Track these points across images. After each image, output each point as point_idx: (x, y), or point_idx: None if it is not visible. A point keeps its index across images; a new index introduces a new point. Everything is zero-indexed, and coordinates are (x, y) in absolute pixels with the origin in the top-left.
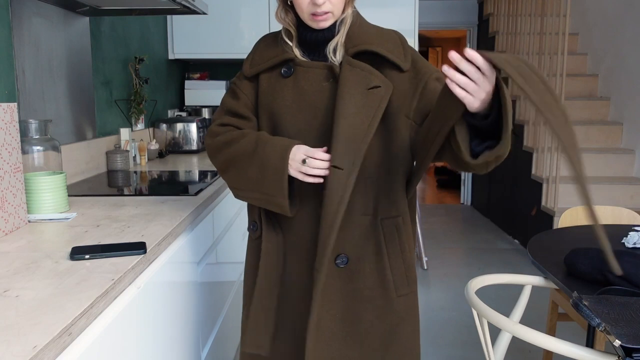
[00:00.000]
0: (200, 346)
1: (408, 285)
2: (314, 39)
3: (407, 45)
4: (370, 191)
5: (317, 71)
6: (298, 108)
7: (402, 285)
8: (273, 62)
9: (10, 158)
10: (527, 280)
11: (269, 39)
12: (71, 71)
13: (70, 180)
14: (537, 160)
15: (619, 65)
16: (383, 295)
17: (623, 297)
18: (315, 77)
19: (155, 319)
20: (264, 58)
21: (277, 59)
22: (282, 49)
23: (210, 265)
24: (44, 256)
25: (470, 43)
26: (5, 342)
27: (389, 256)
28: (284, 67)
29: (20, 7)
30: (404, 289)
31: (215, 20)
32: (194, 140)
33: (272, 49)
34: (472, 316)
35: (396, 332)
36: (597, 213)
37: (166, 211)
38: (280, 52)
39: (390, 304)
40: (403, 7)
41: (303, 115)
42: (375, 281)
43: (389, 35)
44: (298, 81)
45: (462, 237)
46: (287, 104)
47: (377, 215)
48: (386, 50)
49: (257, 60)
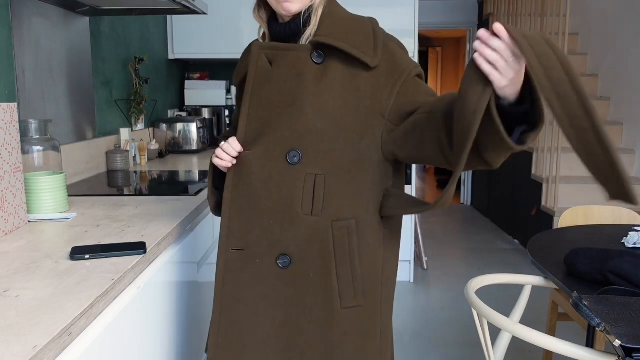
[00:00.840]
0: (200, 346)
1: (355, 297)
2: (281, 33)
3: (379, 38)
4: (321, 190)
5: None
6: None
7: (348, 296)
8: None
9: (10, 158)
10: (527, 280)
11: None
12: (71, 71)
13: (70, 180)
14: (537, 160)
15: (619, 65)
16: (324, 305)
17: (623, 297)
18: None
19: (155, 319)
20: (243, 65)
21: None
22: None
23: (210, 265)
24: (44, 256)
25: (470, 43)
26: (5, 342)
27: (336, 262)
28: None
29: (20, 7)
30: (350, 300)
31: (215, 20)
32: (194, 140)
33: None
34: (472, 316)
35: (338, 348)
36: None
37: (166, 211)
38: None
39: (332, 315)
40: (403, 7)
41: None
42: (318, 288)
43: (360, 27)
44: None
45: (462, 237)
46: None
47: (328, 217)
48: (350, 44)
49: (239, 68)
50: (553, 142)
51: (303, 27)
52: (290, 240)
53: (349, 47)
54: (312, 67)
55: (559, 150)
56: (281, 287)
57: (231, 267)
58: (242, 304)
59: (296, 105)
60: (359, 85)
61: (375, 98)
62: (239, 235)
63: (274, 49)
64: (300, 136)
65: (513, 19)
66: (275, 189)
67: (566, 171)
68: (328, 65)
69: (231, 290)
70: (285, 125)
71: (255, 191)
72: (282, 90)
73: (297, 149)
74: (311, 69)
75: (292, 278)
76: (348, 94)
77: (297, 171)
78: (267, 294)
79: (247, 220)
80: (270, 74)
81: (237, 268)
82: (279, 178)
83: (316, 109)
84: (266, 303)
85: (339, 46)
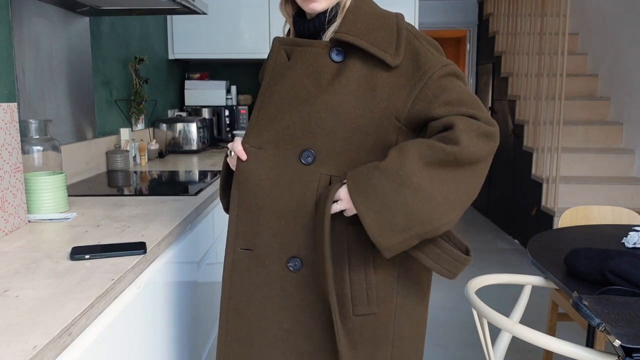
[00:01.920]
0: (200, 346)
1: (368, 305)
2: (305, 30)
3: (403, 35)
4: None
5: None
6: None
7: (361, 304)
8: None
9: (10, 158)
10: (527, 280)
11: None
12: (71, 71)
13: (70, 180)
14: (537, 160)
15: (619, 65)
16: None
17: (623, 297)
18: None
19: (155, 319)
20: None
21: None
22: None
23: (210, 265)
24: (44, 256)
25: (470, 43)
26: (5, 342)
27: (350, 268)
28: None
29: (20, 7)
30: (363, 308)
31: (215, 20)
32: (194, 140)
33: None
34: (472, 316)
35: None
36: None
37: (166, 211)
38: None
39: (343, 322)
40: (403, 7)
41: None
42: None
43: (384, 23)
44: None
45: (462, 237)
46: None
47: (344, 220)
48: (370, 42)
49: (264, 65)
50: (553, 142)
51: (328, 23)
52: (301, 243)
53: (368, 44)
54: (329, 65)
55: (559, 150)
56: (291, 291)
57: (239, 266)
58: (250, 305)
59: (309, 103)
60: (375, 85)
61: (391, 100)
62: (247, 236)
63: (292, 44)
64: (313, 135)
65: (513, 19)
66: (287, 189)
67: (566, 171)
68: (346, 63)
69: (239, 290)
70: (297, 124)
71: (265, 191)
72: (296, 87)
73: (310, 149)
74: (328, 66)
75: (302, 282)
76: (363, 94)
77: (312, 172)
78: (276, 297)
79: (255, 220)
80: (286, 70)
81: (245, 268)
82: (292, 178)
83: (329, 108)
84: (274, 306)
85: (357, 43)
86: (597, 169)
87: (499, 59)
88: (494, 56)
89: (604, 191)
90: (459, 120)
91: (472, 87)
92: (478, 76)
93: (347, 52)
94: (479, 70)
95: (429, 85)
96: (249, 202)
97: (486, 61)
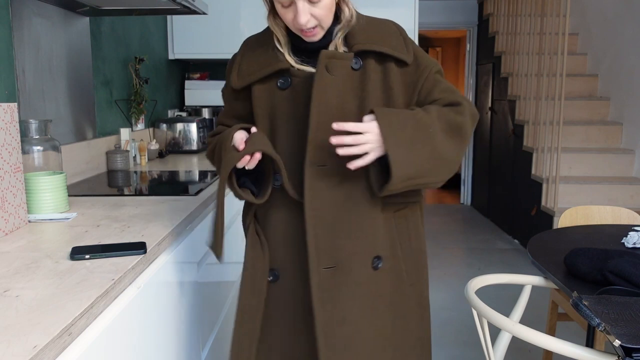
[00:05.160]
0: (200, 346)
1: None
2: (308, 47)
3: (407, 38)
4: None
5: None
6: (296, 122)
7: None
8: (266, 72)
9: (10, 158)
10: (527, 280)
11: (254, 44)
12: (71, 71)
13: (70, 180)
14: (537, 160)
15: (619, 65)
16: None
17: (623, 297)
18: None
19: (155, 319)
20: (254, 68)
21: (270, 69)
22: (275, 57)
23: (210, 265)
24: (44, 256)
25: (470, 43)
26: (5, 342)
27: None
28: (280, 78)
29: (20, 7)
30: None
31: (215, 20)
32: (194, 140)
33: (262, 57)
34: (472, 316)
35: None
36: None
37: (166, 211)
38: (272, 61)
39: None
40: (403, 7)
41: (301, 127)
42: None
43: (389, 30)
44: (297, 94)
45: (462, 237)
46: (287, 119)
47: (390, 208)
48: (390, 47)
49: (245, 70)
50: (553, 142)
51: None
52: (378, 240)
53: (390, 49)
54: (354, 74)
55: (559, 150)
56: (379, 290)
57: (326, 285)
58: (346, 323)
59: (354, 114)
60: (391, 83)
61: (406, 95)
62: (329, 252)
63: (332, 58)
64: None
65: (513, 19)
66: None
67: (566, 171)
68: (366, 70)
69: (332, 311)
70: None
71: (339, 203)
72: (340, 98)
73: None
74: (354, 75)
75: (386, 276)
76: (384, 94)
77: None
78: (369, 304)
79: (335, 234)
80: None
81: (332, 286)
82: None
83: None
84: (370, 315)
85: (384, 51)
86: (596, 169)
87: (498, 59)
88: (494, 56)
89: (603, 191)
90: (464, 101)
91: (472, 87)
92: (478, 76)
93: (363, 59)
94: (479, 70)
95: (429, 79)
96: (325, 217)
97: (486, 61)
